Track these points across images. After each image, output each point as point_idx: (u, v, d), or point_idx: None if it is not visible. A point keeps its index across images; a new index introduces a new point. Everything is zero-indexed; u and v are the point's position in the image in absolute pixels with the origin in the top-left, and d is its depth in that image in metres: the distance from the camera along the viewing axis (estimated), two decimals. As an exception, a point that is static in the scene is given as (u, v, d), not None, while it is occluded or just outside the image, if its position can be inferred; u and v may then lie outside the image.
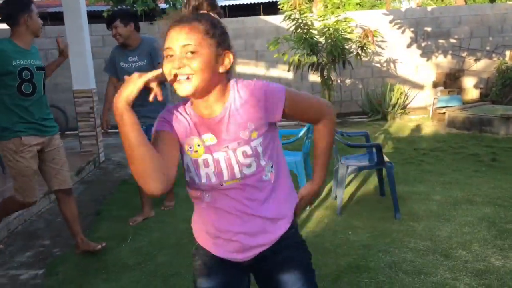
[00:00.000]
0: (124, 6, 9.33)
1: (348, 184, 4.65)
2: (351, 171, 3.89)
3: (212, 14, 1.36)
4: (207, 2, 1.36)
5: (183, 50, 1.26)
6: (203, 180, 1.38)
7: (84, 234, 3.43)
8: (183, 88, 1.27)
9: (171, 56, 1.27)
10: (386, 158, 3.93)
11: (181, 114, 1.39)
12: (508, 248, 3.10)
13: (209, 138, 1.37)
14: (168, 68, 1.27)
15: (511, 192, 4.19)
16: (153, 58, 3.86)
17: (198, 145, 1.36)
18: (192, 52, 1.25)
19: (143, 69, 3.74)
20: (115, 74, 4.01)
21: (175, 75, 1.26)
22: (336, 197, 4.08)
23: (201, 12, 1.35)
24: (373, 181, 4.66)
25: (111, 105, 4.14)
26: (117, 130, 1.29)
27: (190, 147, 1.36)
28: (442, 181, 4.68)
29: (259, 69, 9.25)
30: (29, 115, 2.99)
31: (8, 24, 2.98)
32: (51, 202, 4.53)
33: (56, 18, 10.45)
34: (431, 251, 3.11)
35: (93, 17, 9.45)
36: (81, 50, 5.98)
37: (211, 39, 1.29)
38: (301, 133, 4.15)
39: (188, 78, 1.26)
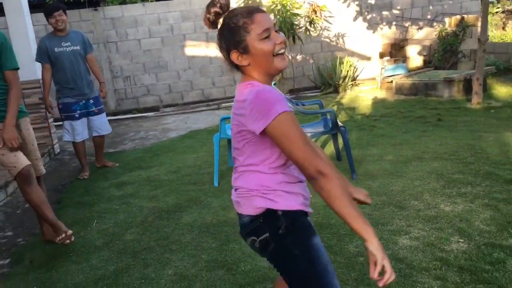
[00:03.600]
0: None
1: (306, 153, 4.81)
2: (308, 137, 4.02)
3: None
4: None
5: (273, 29, 1.43)
6: None
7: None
8: (285, 61, 1.46)
9: (268, 36, 1.41)
10: (340, 123, 4.10)
11: (273, 89, 1.44)
12: (456, 195, 3.35)
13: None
14: (271, 45, 1.41)
15: (456, 147, 4.49)
16: (88, 47, 4.84)
17: None
18: (277, 31, 1.45)
19: (77, 53, 4.73)
20: (48, 61, 4.65)
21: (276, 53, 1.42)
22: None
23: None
24: (330, 148, 4.84)
25: (49, 89, 4.64)
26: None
27: None
28: (393, 143, 4.93)
29: (210, 50, 9.22)
30: None
31: None
32: (8, 195, 4.42)
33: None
34: (386, 204, 3.32)
35: (35, 6, 9.07)
36: (24, 41, 5.78)
37: None
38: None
39: (284, 50, 1.45)
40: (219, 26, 1.47)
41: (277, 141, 1.36)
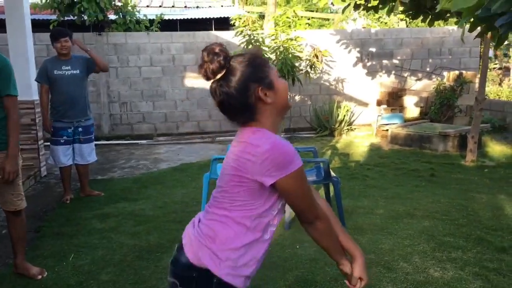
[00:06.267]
0: (72, 16, 9.10)
1: (296, 198, 4.73)
2: (299, 186, 3.95)
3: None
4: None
5: None
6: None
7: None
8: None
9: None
10: (332, 173, 4.03)
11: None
12: (446, 259, 3.26)
13: None
14: (286, 83, 1.49)
15: (448, 207, 4.42)
16: (90, 65, 4.83)
17: None
18: None
19: (76, 77, 4.76)
20: (47, 82, 4.68)
21: None
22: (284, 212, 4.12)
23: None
24: (321, 195, 4.76)
25: (47, 110, 4.61)
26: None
27: None
28: (385, 195, 4.86)
29: (210, 82, 9.23)
30: None
31: None
32: (-14, 218, 4.27)
33: (-3, 25, 9.97)
34: (374, 263, 3.21)
35: (39, 25, 9.13)
36: (23, 60, 5.74)
37: None
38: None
39: None
40: (218, 75, 1.41)
41: (286, 192, 1.37)
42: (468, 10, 2.68)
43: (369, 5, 6.00)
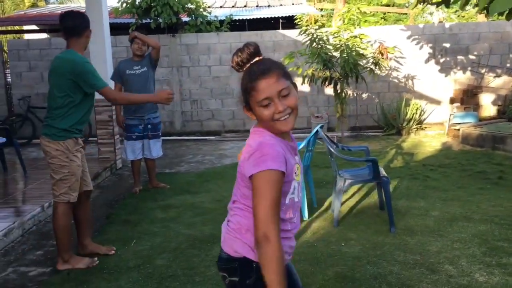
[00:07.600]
0: (149, 19, 9.74)
1: (351, 196, 4.78)
2: (348, 184, 4.00)
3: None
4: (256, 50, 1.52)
5: (279, 95, 1.46)
6: (296, 199, 1.57)
7: (92, 236, 3.72)
8: (289, 124, 1.48)
9: (268, 104, 1.45)
10: (383, 173, 4.03)
11: (278, 142, 1.50)
12: (495, 264, 3.15)
13: (298, 161, 1.59)
14: (269, 113, 1.46)
15: (510, 211, 4.22)
16: (152, 57, 5.13)
17: (297, 168, 1.55)
18: (287, 94, 1.47)
19: (145, 74, 5.13)
20: (120, 81, 5.15)
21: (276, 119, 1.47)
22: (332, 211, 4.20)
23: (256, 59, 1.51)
24: (376, 195, 4.75)
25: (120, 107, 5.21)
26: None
27: (295, 172, 1.53)
28: (444, 197, 4.72)
29: (276, 81, 9.42)
30: (86, 121, 3.36)
31: (69, 36, 3.23)
32: (66, 205, 4.79)
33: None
34: (418, 264, 3.20)
35: (119, 28, 9.88)
36: (102, 61, 6.30)
37: (288, 79, 1.50)
38: (301, 146, 4.29)
39: (289, 115, 1.48)
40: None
41: (252, 192, 1.44)
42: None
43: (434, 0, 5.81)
